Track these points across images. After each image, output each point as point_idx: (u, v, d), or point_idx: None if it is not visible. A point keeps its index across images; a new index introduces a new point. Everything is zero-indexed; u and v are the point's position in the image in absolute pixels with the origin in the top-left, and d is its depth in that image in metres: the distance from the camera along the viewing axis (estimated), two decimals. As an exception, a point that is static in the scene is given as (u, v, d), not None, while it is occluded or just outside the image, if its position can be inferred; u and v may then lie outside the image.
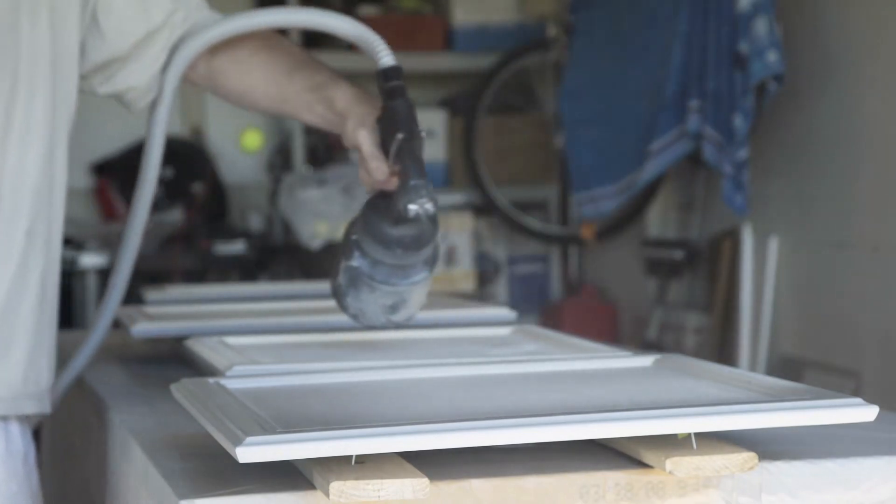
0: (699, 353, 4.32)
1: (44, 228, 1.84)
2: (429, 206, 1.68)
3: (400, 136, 1.69)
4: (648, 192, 4.74)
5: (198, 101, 5.36)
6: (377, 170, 1.72)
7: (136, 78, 1.92)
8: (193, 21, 1.92)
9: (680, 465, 1.36)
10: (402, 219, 1.68)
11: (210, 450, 1.44)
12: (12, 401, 1.82)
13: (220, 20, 1.92)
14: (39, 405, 1.86)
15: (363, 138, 1.74)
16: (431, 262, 1.78)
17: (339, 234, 4.94)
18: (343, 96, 1.81)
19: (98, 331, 2.02)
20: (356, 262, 1.75)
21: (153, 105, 1.94)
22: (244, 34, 1.93)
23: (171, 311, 2.50)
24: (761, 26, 3.87)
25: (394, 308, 1.80)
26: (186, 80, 1.98)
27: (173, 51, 1.91)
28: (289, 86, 1.90)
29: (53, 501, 2.49)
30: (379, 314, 1.81)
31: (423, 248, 1.73)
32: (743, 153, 3.93)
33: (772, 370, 4.08)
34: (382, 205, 1.71)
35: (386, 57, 1.75)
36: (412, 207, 1.67)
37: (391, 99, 1.72)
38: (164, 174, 5.17)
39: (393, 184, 1.71)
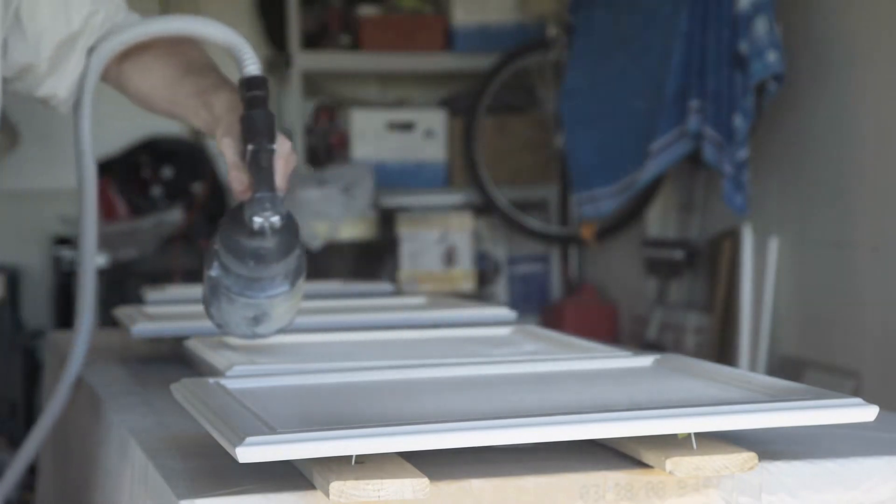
0: (699, 353, 4.32)
1: None
2: (274, 220, 1.66)
3: (250, 147, 1.68)
4: (648, 192, 4.74)
5: (198, 101, 5.36)
6: (236, 179, 1.71)
7: (60, 85, 1.92)
8: (112, 23, 1.92)
9: (680, 465, 1.36)
10: (252, 231, 1.66)
11: (210, 450, 1.44)
12: None
13: (137, 22, 1.91)
14: None
15: (227, 147, 1.73)
16: (294, 276, 1.74)
17: (339, 234, 4.96)
18: (220, 103, 1.80)
19: (79, 348, 2.00)
20: (214, 272, 1.73)
21: (75, 110, 1.94)
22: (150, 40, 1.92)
23: (171, 311, 2.50)
24: (761, 26, 3.87)
25: (256, 320, 1.77)
26: (101, 80, 1.97)
27: (90, 53, 1.90)
28: (180, 89, 1.90)
29: (53, 501, 2.50)
30: (242, 326, 1.78)
31: (279, 262, 1.70)
32: (743, 153, 3.93)
33: (772, 370, 4.08)
34: (239, 215, 1.70)
35: (251, 66, 1.73)
36: (256, 220, 1.65)
37: (250, 108, 1.70)
38: (164, 174, 5.17)
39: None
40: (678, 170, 4.54)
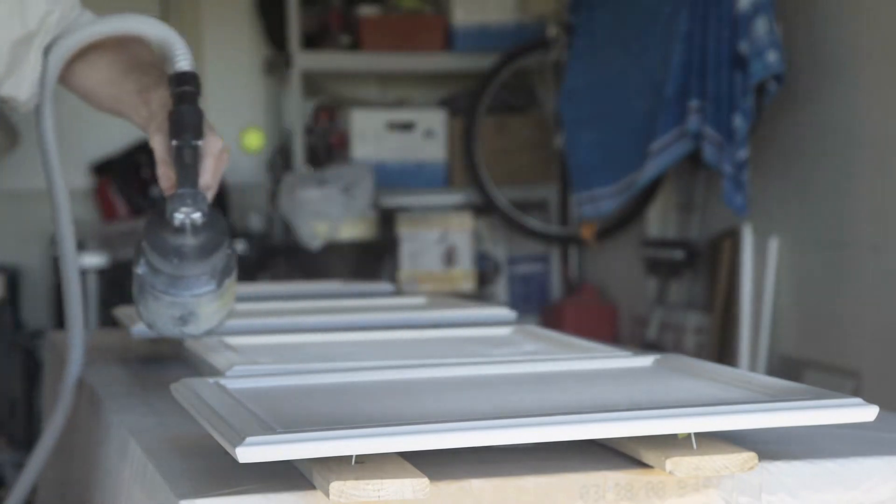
0: (699, 353, 4.32)
1: None
2: (195, 217, 1.63)
3: (174, 143, 1.67)
4: (648, 192, 4.74)
5: (198, 101, 5.36)
6: (164, 176, 1.71)
7: (20, 86, 1.91)
8: (67, 22, 1.91)
9: (680, 465, 1.36)
10: (174, 228, 1.64)
11: (210, 450, 1.44)
12: None
13: (91, 21, 1.90)
14: None
15: (157, 143, 1.73)
16: (221, 275, 1.71)
17: (339, 234, 4.95)
18: (157, 100, 1.79)
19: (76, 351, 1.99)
20: (140, 269, 1.70)
21: (37, 112, 1.91)
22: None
23: (171, 311, 2.49)
24: (761, 26, 3.87)
25: (183, 320, 1.73)
26: None
27: (46, 53, 1.89)
28: (123, 86, 1.89)
29: (53, 501, 2.50)
30: (169, 325, 1.74)
31: (203, 260, 1.67)
32: (743, 153, 3.93)
33: (772, 370, 4.08)
34: (164, 212, 1.67)
35: (183, 62, 1.72)
36: (177, 216, 1.63)
37: (178, 104, 1.69)
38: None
39: None
40: (678, 170, 4.54)
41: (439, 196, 5.29)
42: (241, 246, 4.93)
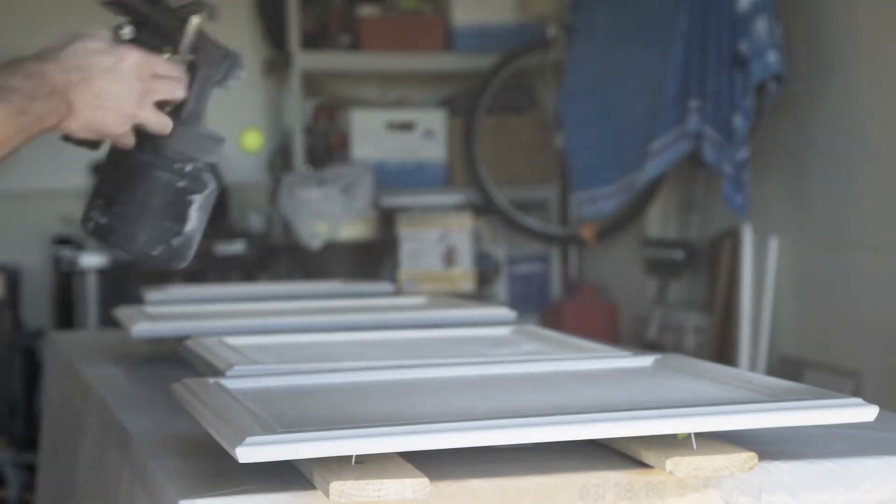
0: (699, 353, 4.32)
1: None
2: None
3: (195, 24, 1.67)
4: (648, 192, 4.74)
5: (198, 101, 5.35)
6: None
7: None
8: None
9: (680, 465, 1.36)
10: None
11: (210, 450, 1.44)
12: None
13: None
14: None
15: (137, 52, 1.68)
16: None
17: (339, 234, 4.95)
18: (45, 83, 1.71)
19: None
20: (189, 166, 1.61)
21: None
22: None
23: (171, 311, 2.50)
24: (761, 26, 3.87)
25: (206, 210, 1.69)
26: None
27: None
28: None
29: (53, 501, 2.50)
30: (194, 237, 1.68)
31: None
32: (743, 153, 3.93)
33: (772, 370, 4.08)
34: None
35: None
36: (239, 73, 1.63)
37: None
38: (164, 174, 5.17)
39: None
40: (678, 170, 4.54)
41: (439, 196, 5.28)
42: (241, 246, 4.93)
